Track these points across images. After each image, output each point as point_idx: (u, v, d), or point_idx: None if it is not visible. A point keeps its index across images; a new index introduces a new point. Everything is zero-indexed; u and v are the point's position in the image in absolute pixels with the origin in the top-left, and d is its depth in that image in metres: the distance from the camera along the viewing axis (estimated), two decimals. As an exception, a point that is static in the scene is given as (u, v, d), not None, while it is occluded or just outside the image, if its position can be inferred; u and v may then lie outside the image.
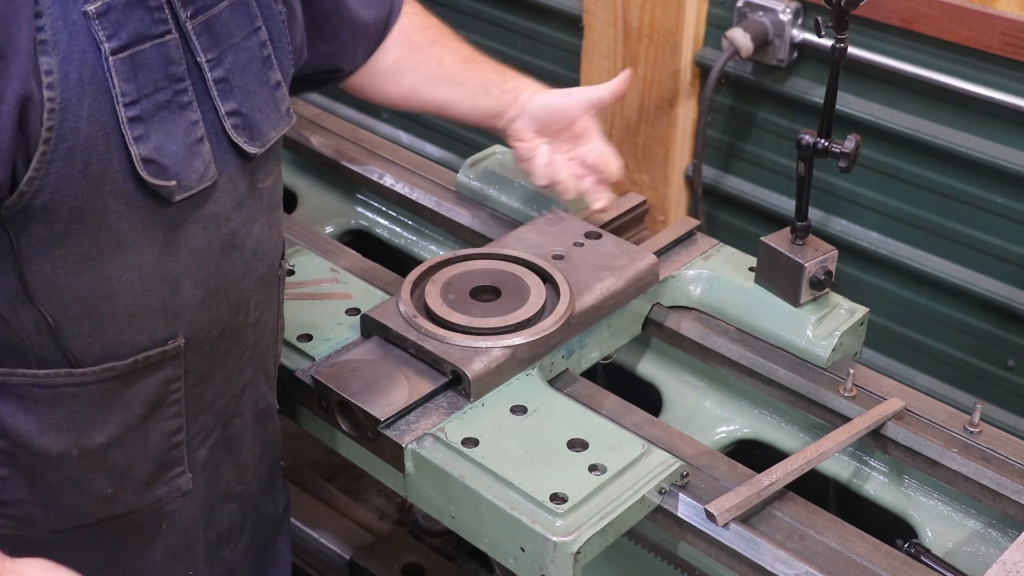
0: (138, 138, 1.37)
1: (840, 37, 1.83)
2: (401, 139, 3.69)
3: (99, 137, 1.35)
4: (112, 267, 1.43)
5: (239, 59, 1.49)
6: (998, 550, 1.75)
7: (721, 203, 3.07)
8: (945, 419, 1.85)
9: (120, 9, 1.35)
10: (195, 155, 1.44)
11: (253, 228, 1.58)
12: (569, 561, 1.56)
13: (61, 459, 1.52)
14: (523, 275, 1.93)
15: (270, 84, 1.55)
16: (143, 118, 1.38)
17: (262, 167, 1.58)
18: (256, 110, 1.52)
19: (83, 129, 1.34)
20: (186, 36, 1.42)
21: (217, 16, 1.45)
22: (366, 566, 2.46)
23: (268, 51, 1.54)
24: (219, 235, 1.52)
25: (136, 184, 1.40)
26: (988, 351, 2.75)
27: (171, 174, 1.41)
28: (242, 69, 1.49)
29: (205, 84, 1.45)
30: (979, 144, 2.59)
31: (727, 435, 2.06)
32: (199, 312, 1.54)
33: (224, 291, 1.57)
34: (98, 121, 1.35)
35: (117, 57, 1.34)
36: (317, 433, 1.88)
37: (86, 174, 1.36)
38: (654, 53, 2.94)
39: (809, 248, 1.98)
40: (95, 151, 1.35)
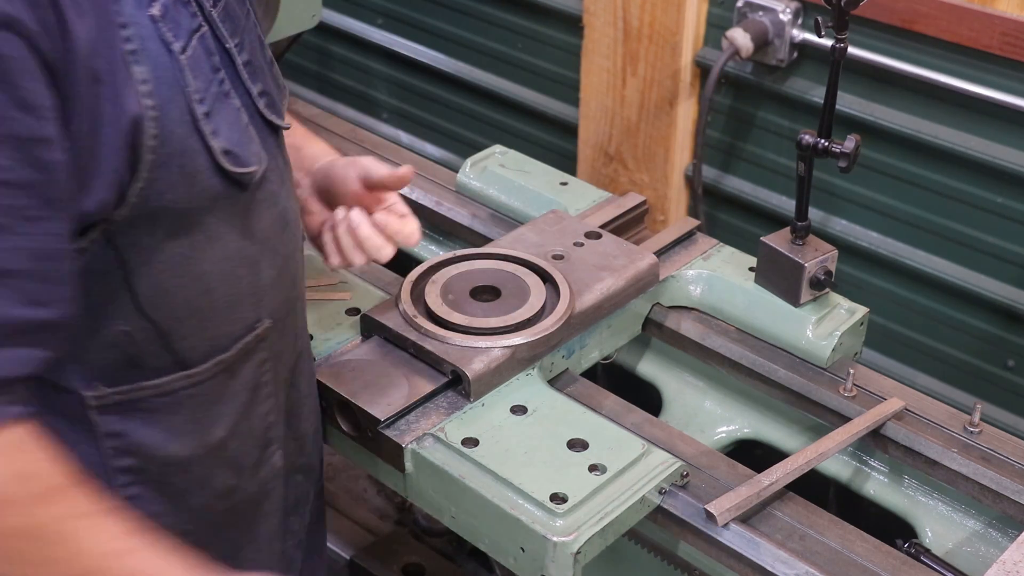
0: (213, 132, 1.40)
1: (840, 37, 1.83)
2: (401, 139, 3.69)
3: (187, 137, 1.38)
4: (206, 262, 1.46)
5: (251, 41, 1.52)
6: (998, 550, 1.75)
7: (721, 203, 3.07)
8: (945, 419, 1.85)
9: (172, 8, 1.37)
10: (249, 139, 1.47)
11: (292, 201, 1.63)
12: (569, 561, 1.56)
13: (189, 462, 1.54)
14: (523, 275, 1.93)
15: (268, 61, 1.58)
16: (211, 113, 1.40)
17: (283, 141, 1.62)
18: (271, 87, 1.56)
19: (176, 131, 1.36)
20: (213, 25, 1.44)
21: (229, 3, 1.48)
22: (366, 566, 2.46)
23: (259, 30, 1.58)
24: (277, 212, 1.56)
25: (221, 177, 1.43)
26: (988, 351, 2.75)
27: (244, 160, 1.45)
28: (254, 50, 1.52)
29: (236, 69, 1.47)
30: (979, 144, 2.58)
31: (727, 435, 2.06)
32: (275, 291, 1.57)
33: (287, 266, 1.60)
34: (184, 121, 1.37)
35: (184, 56, 1.37)
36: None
37: (183, 175, 1.38)
38: (654, 53, 2.94)
39: (809, 248, 1.98)
40: (187, 152, 1.38)
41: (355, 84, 3.80)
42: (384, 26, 3.64)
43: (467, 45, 3.45)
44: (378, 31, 3.65)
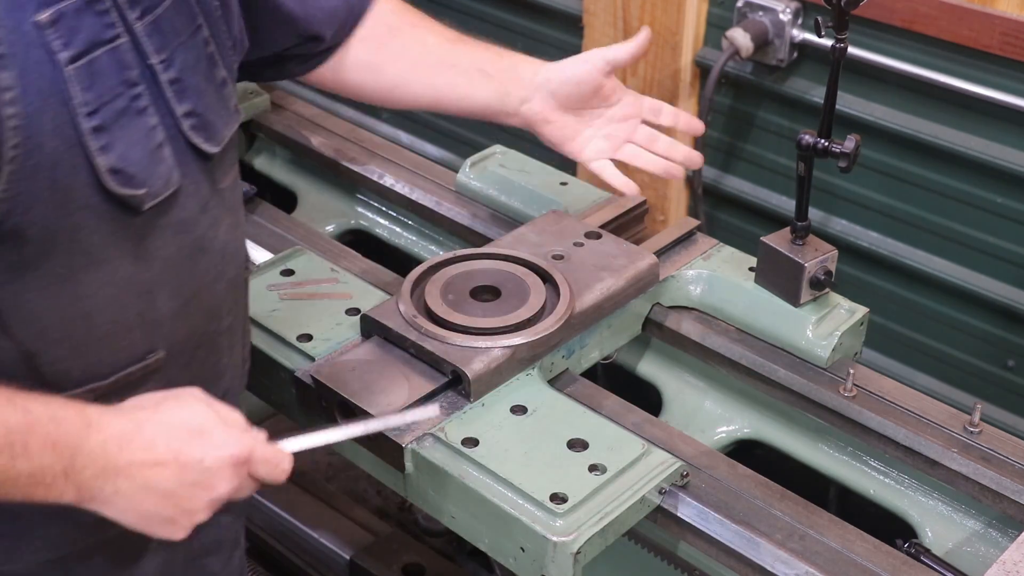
0: (102, 148, 1.33)
1: (840, 37, 1.83)
2: (401, 139, 3.69)
3: (64, 151, 1.30)
4: (86, 285, 1.39)
5: (188, 58, 1.45)
6: (998, 550, 1.75)
7: (721, 203, 3.07)
8: (945, 419, 1.85)
9: (71, 16, 1.30)
10: (158, 160, 1.40)
11: (219, 230, 1.55)
12: (569, 561, 1.56)
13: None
14: (523, 275, 1.92)
15: (216, 82, 1.51)
16: (105, 127, 1.33)
17: (220, 167, 1.54)
18: (209, 109, 1.48)
19: (47, 144, 1.29)
20: (136, 38, 1.37)
21: (163, 15, 1.41)
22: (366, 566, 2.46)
23: (211, 48, 1.50)
24: (188, 240, 1.48)
25: (104, 196, 1.35)
26: (988, 351, 2.75)
27: (138, 182, 1.37)
28: (192, 68, 1.45)
29: (159, 86, 1.40)
30: (979, 144, 2.59)
31: (727, 435, 2.06)
32: (176, 322, 1.49)
33: (198, 298, 1.53)
34: (61, 134, 1.30)
35: (74, 66, 1.30)
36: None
37: (54, 191, 1.31)
38: (654, 53, 2.94)
39: (809, 248, 1.97)
40: (61, 166, 1.31)
41: (355, 84, 3.79)
42: (384, 26, 3.64)
43: (467, 45, 3.45)
44: (378, 31, 3.65)
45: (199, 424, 1.39)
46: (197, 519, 1.40)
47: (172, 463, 1.35)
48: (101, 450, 1.32)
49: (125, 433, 1.34)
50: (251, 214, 2.39)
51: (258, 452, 1.43)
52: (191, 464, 1.36)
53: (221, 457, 1.38)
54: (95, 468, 1.32)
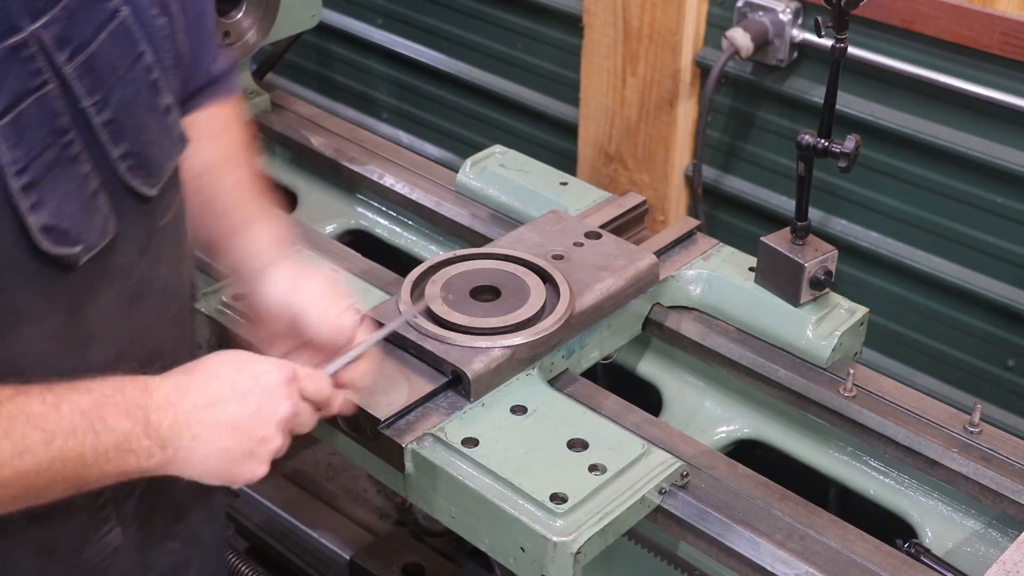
0: (33, 206, 1.25)
1: (840, 37, 1.83)
2: (401, 139, 3.69)
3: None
4: (17, 344, 1.32)
5: (126, 94, 1.34)
6: (998, 550, 1.75)
7: (721, 203, 3.07)
8: (945, 419, 1.85)
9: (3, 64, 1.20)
10: (93, 211, 1.32)
11: (160, 270, 1.48)
12: (569, 561, 1.56)
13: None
14: (523, 275, 1.92)
15: (159, 111, 1.40)
16: (35, 183, 1.24)
17: (161, 204, 1.45)
18: (150, 144, 1.39)
19: None
20: (66, 82, 1.27)
21: (97, 51, 1.30)
22: (366, 566, 2.46)
23: (155, 75, 1.39)
24: (126, 287, 1.42)
25: (34, 254, 1.27)
26: (988, 351, 2.75)
27: (72, 238, 1.29)
28: (130, 104, 1.35)
29: (92, 131, 1.30)
30: (979, 144, 2.58)
31: (727, 435, 2.06)
32: (112, 371, 1.39)
33: (138, 343, 1.47)
34: None
35: (2, 122, 1.21)
36: (317, 433, 1.88)
37: None
38: (654, 53, 2.94)
39: (809, 248, 1.97)
40: None
41: (355, 84, 3.80)
42: (384, 26, 3.64)
43: (467, 45, 3.45)
44: (378, 31, 3.65)
45: (241, 359, 1.42)
46: (273, 447, 1.41)
47: (231, 394, 1.38)
48: (166, 402, 1.34)
49: (180, 384, 1.37)
50: (251, 214, 2.39)
51: (300, 371, 1.45)
52: (248, 390, 1.39)
53: (272, 377, 1.41)
54: (168, 420, 1.34)
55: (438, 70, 3.53)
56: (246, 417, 1.38)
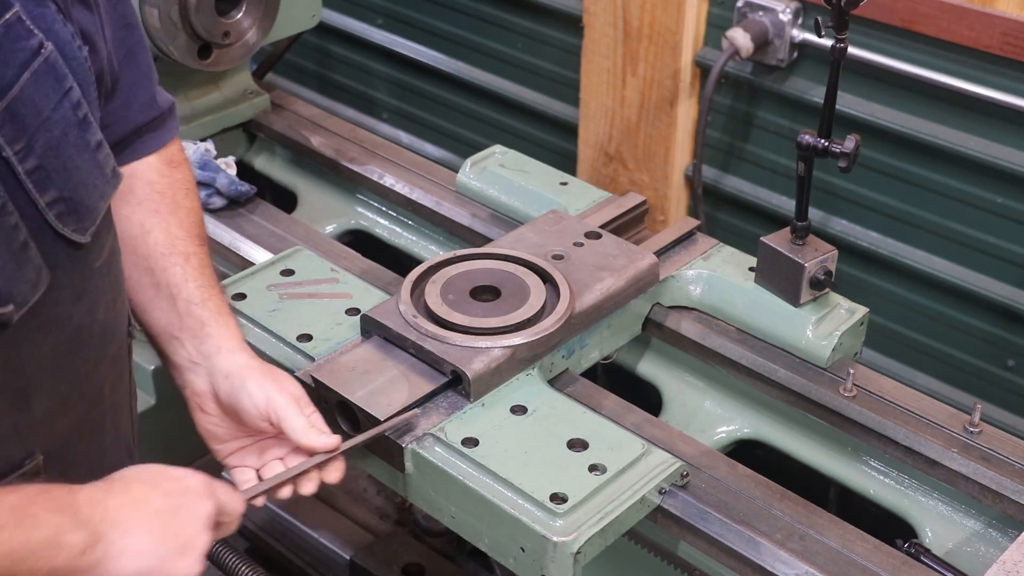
0: None
1: (840, 37, 1.83)
2: (401, 139, 3.69)
3: None
4: None
5: (52, 137, 1.26)
6: (998, 550, 1.75)
7: (721, 203, 3.07)
8: (945, 419, 1.85)
9: None
10: (23, 263, 1.25)
11: (97, 313, 1.42)
12: (569, 561, 1.56)
13: None
14: (523, 275, 1.92)
15: (91, 148, 1.32)
16: None
17: (95, 247, 1.39)
18: (80, 187, 1.31)
19: None
20: None
21: (19, 96, 1.22)
22: (366, 566, 2.46)
23: (83, 110, 1.31)
24: (63, 336, 1.36)
25: None
26: (988, 351, 2.75)
27: (4, 296, 1.23)
28: (56, 147, 1.27)
29: (17, 179, 1.23)
30: (979, 144, 2.59)
31: (727, 435, 2.06)
32: (53, 422, 1.37)
33: (77, 390, 1.42)
34: None
35: None
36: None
37: None
38: (654, 53, 2.94)
39: (809, 248, 1.97)
40: None
41: (355, 84, 3.80)
42: (384, 26, 3.64)
43: (467, 45, 3.45)
44: (378, 31, 3.66)
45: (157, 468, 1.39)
46: (202, 542, 1.37)
47: (155, 493, 1.35)
48: (92, 500, 1.30)
49: (102, 487, 1.33)
50: (251, 214, 2.39)
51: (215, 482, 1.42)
52: (170, 491, 1.36)
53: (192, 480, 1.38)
54: (99, 514, 1.29)
55: (438, 70, 3.53)
56: (172, 514, 1.35)
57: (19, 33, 1.21)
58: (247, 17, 2.49)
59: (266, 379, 1.59)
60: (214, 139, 2.55)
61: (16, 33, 1.20)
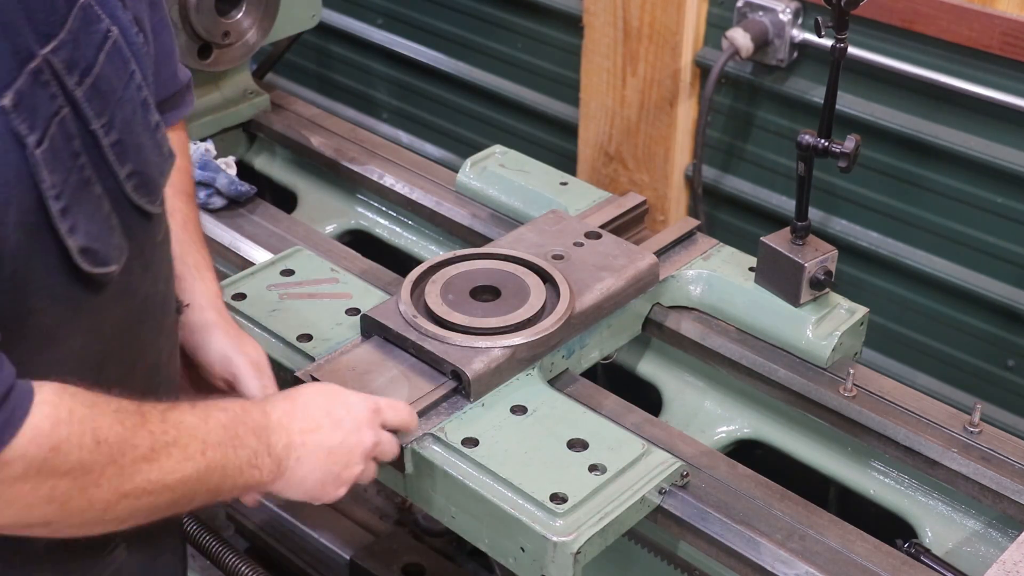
0: (70, 229, 1.27)
1: (840, 37, 1.83)
2: (401, 139, 3.69)
3: (26, 240, 1.24)
4: (40, 366, 1.30)
5: (126, 114, 1.35)
6: (998, 550, 1.75)
7: (721, 203, 3.07)
8: (945, 419, 1.85)
9: (28, 94, 1.21)
10: (111, 231, 1.33)
11: (159, 285, 1.50)
12: (569, 561, 1.56)
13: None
14: (523, 275, 1.92)
15: (151, 127, 1.41)
16: (69, 207, 1.27)
17: (159, 222, 1.48)
18: (147, 163, 1.40)
19: (11, 237, 1.22)
20: (77, 105, 1.28)
21: (100, 74, 1.30)
22: (366, 566, 2.46)
23: (144, 93, 1.39)
24: (134, 306, 1.44)
25: (65, 277, 1.29)
26: (988, 351, 2.75)
27: (102, 258, 1.32)
28: (129, 125, 1.36)
29: (101, 152, 1.31)
30: (979, 144, 2.59)
31: (727, 435, 2.06)
32: (123, 388, 1.40)
33: (142, 359, 1.49)
34: (25, 223, 1.23)
35: (40, 149, 1.22)
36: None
37: (14, 281, 1.25)
38: (654, 53, 2.94)
39: (809, 248, 1.97)
40: (22, 254, 1.24)
41: (355, 84, 3.80)
42: (384, 26, 3.65)
43: (467, 45, 3.46)
44: (378, 31, 3.66)
45: (333, 391, 1.58)
46: (354, 473, 1.55)
47: (327, 421, 1.52)
48: (280, 425, 1.47)
49: (287, 410, 1.50)
50: (251, 214, 2.39)
51: (383, 402, 1.61)
52: (340, 419, 1.54)
53: (360, 409, 1.56)
54: (283, 441, 1.47)
55: (438, 70, 3.53)
56: (337, 444, 1.53)
57: (91, 17, 1.30)
58: (247, 17, 2.49)
59: (228, 340, 1.71)
60: (214, 139, 2.55)
61: (89, 17, 1.30)
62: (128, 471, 1.28)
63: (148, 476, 1.30)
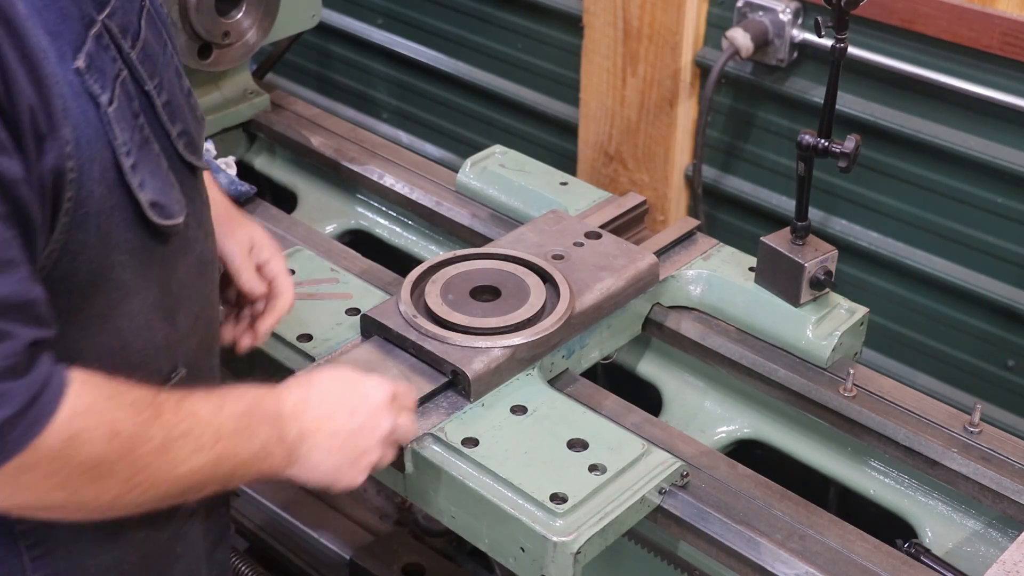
0: (140, 185, 1.35)
1: (840, 37, 1.83)
2: (401, 139, 3.69)
3: (107, 195, 1.32)
4: (122, 319, 1.40)
5: (169, 77, 1.45)
6: (998, 550, 1.75)
7: (721, 203, 3.07)
8: (945, 419, 1.85)
9: (96, 56, 1.29)
10: (171, 186, 1.42)
11: (209, 242, 1.58)
12: (569, 561, 1.56)
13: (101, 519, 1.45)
14: (523, 275, 1.93)
15: (186, 92, 1.51)
16: (137, 163, 1.35)
17: (202, 180, 1.56)
18: (190, 124, 1.49)
19: (96, 191, 1.30)
20: (133, 67, 1.36)
21: (146, 39, 1.40)
22: (366, 566, 2.46)
23: (176, 60, 1.49)
24: (195, 258, 1.52)
25: (138, 231, 1.37)
26: (988, 351, 2.75)
27: (168, 212, 1.40)
28: (172, 87, 1.45)
29: (155, 112, 1.40)
30: (979, 144, 2.59)
31: (727, 435, 2.06)
32: (191, 338, 1.53)
33: (203, 310, 1.57)
34: (105, 179, 1.31)
35: (112, 108, 1.31)
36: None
37: (99, 235, 1.33)
38: (654, 53, 2.94)
39: (809, 248, 1.98)
40: (105, 211, 1.32)
41: (355, 84, 3.80)
42: (384, 26, 3.64)
43: (467, 45, 3.45)
44: (378, 31, 3.66)
45: (349, 376, 1.58)
46: (371, 459, 1.55)
47: (341, 410, 1.53)
48: (293, 414, 1.49)
49: (302, 398, 1.51)
50: (251, 214, 2.39)
51: (400, 387, 1.62)
52: (356, 407, 1.55)
53: (376, 396, 1.57)
54: (296, 430, 1.48)
55: (438, 70, 3.53)
56: (352, 432, 1.53)
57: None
58: (247, 17, 2.48)
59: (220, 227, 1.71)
60: (214, 139, 2.55)
61: None
62: (140, 463, 1.31)
63: (159, 468, 1.33)
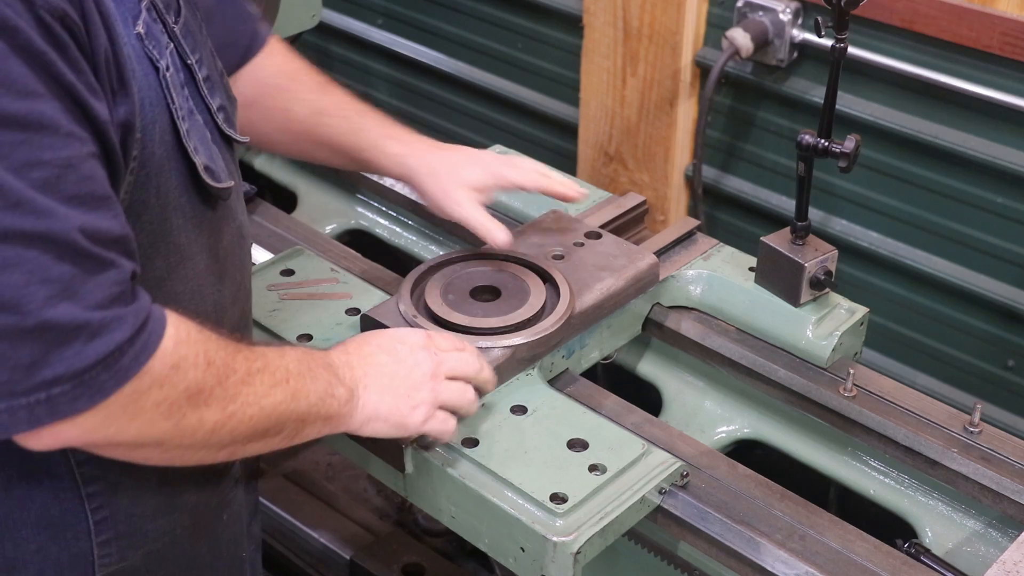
0: (195, 149, 1.41)
1: (840, 37, 1.83)
2: (401, 139, 3.68)
3: (165, 157, 1.37)
4: (178, 282, 1.45)
5: (207, 54, 1.51)
6: (998, 550, 1.75)
7: (721, 203, 3.07)
8: (945, 419, 1.85)
9: (151, 25, 1.36)
10: (216, 155, 1.47)
11: (244, 214, 1.63)
12: (569, 561, 1.56)
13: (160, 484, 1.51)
14: (523, 275, 1.93)
15: (219, 69, 1.56)
16: (191, 129, 1.41)
17: (235, 153, 1.61)
18: (228, 99, 1.56)
19: (157, 152, 1.35)
20: (178, 41, 1.42)
21: (186, 16, 1.46)
22: (366, 566, 2.46)
23: (210, 41, 1.55)
24: (236, 227, 1.57)
25: (191, 195, 1.43)
26: (988, 351, 2.75)
27: (219, 176, 1.46)
28: (210, 63, 1.51)
29: (197, 85, 1.46)
30: (979, 144, 2.59)
31: (727, 435, 2.06)
32: (234, 305, 1.59)
33: (242, 278, 1.63)
34: (164, 141, 1.36)
35: (169, 73, 1.37)
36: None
37: (158, 196, 1.37)
38: (654, 53, 2.94)
39: (809, 248, 1.98)
40: (164, 172, 1.37)
41: (355, 84, 3.80)
42: (384, 26, 3.64)
43: (467, 45, 3.45)
44: (378, 31, 3.66)
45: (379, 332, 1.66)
46: (423, 395, 1.59)
47: (383, 355, 1.60)
48: (340, 362, 1.55)
49: (343, 349, 1.59)
50: (251, 214, 2.39)
51: (434, 334, 1.69)
52: (394, 347, 1.62)
53: (412, 337, 1.64)
54: (349, 372, 1.55)
55: (438, 70, 3.53)
56: (397, 369, 1.59)
57: None
58: (247, 17, 2.48)
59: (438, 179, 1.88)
60: (214, 139, 2.55)
61: None
62: (231, 392, 1.36)
63: (247, 398, 1.38)
